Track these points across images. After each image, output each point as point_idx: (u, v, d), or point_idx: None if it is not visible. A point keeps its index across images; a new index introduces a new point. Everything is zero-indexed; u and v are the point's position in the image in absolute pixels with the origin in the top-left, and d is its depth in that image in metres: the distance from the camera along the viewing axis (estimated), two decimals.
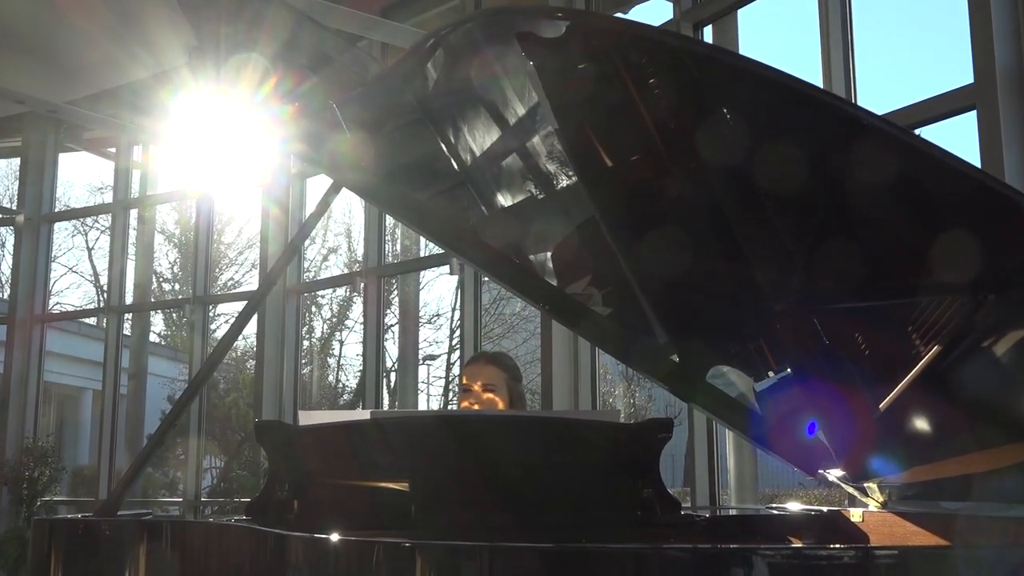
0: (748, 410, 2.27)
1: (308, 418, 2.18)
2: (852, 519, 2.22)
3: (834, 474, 2.19)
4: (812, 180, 1.84)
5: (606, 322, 2.40)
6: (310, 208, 8.13)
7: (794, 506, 2.59)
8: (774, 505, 2.69)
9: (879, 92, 13.55)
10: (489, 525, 1.87)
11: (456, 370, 14.26)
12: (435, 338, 15.77)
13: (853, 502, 2.37)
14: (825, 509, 2.38)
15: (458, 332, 13.42)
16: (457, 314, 13.99)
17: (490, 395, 2.81)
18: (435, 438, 2.05)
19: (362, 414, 2.19)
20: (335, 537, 1.50)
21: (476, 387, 2.83)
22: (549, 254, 2.51)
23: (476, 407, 2.79)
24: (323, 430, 2.11)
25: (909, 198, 1.76)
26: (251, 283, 15.60)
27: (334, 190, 2.52)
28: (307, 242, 11.83)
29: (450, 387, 15.04)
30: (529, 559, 1.32)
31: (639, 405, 14.28)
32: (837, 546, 1.29)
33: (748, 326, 2.22)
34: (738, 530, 2.38)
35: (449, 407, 13.80)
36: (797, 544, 2.17)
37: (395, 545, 1.43)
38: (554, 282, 2.47)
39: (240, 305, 9.58)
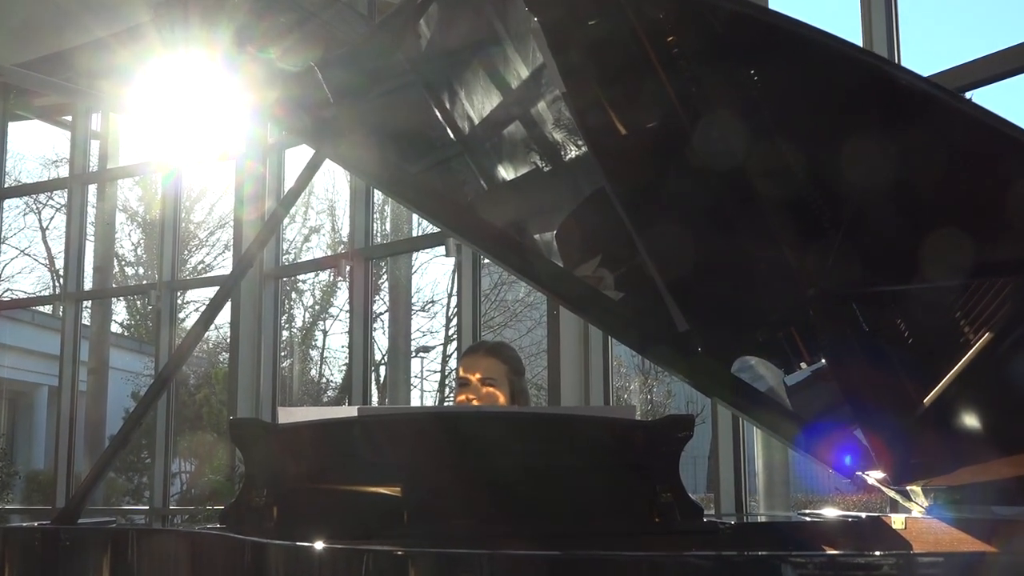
0: (778, 406, 2.28)
1: (289, 416, 2.19)
2: (893, 526, 2.23)
3: (873, 476, 2.21)
4: (850, 150, 1.84)
5: (620, 308, 2.41)
6: (289, 183, 8.13)
7: (829, 512, 2.60)
8: (807, 511, 2.71)
9: (925, 51, 13.49)
10: (489, 533, 1.89)
11: (452, 363, 14.30)
12: (429, 327, 15.81)
13: (895, 507, 2.39)
14: (864, 515, 2.39)
15: (455, 321, 13.44)
16: (454, 301, 14.02)
17: (489, 389, 2.83)
18: (429, 437, 2.06)
19: (348, 411, 2.20)
20: (319, 545, 1.51)
21: (474, 380, 2.84)
22: (556, 233, 2.52)
23: (474, 403, 2.81)
24: (305, 429, 2.12)
25: (958, 168, 1.76)
26: (224, 267, 15.63)
27: (316, 162, 2.53)
28: (286, 221, 11.83)
29: (446, 382, 15.09)
30: (535, 568, 1.33)
31: (657, 401, 14.32)
32: (877, 553, 1.30)
33: (778, 312, 2.23)
34: (767, 538, 2.40)
35: (445, 403, 13.85)
36: (832, 552, 2.18)
37: (386, 554, 1.44)
38: (561, 264, 2.48)
39: (212, 291, 9.59)
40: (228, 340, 8.93)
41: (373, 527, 1.93)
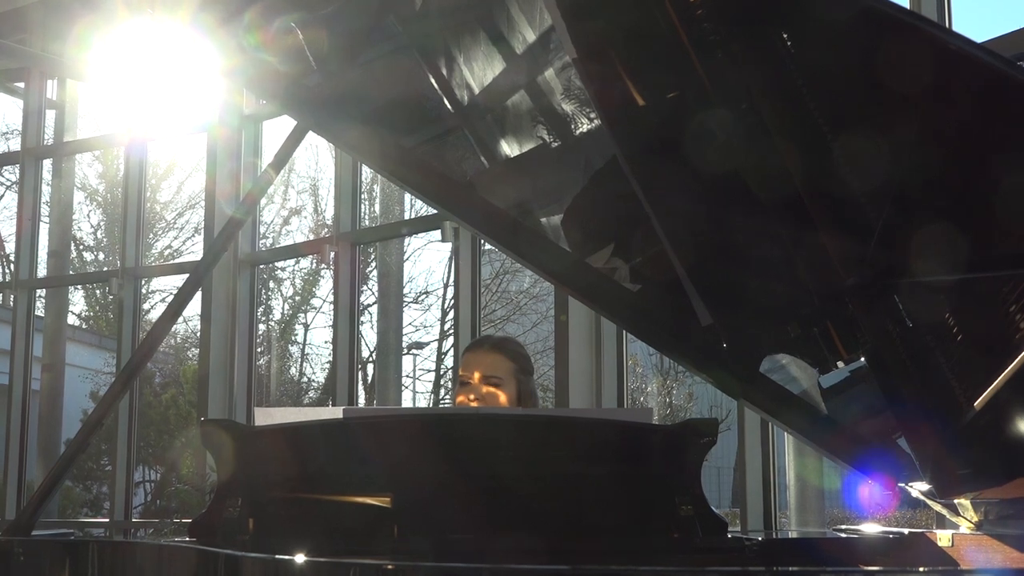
0: (813, 410, 2.28)
1: (266, 417, 2.20)
2: (939, 543, 2.24)
3: (918, 489, 2.22)
4: (894, 123, 1.85)
5: (635, 300, 2.42)
6: (267, 159, 8.13)
7: (868, 528, 2.61)
8: (843, 527, 2.71)
9: (978, 15, 13.46)
10: (488, 547, 1.90)
11: (449, 361, 14.31)
12: (423, 321, 15.80)
13: (941, 523, 2.40)
14: (906, 531, 2.40)
15: (452, 314, 13.45)
16: (450, 291, 14.03)
17: (492, 389, 2.83)
18: (422, 441, 2.07)
19: (333, 412, 2.21)
20: (300, 559, 1.52)
21: (475, 379, 2.84)
22: (564, 216, 2.53)
23: (475, 404, 2.81)
24: (285, 432, 2.13)
25: (1014, 144, 1.77)
26: (194, 252, 15.64)
27: (297, 136, 2.53)
28: (263, 201, 11.83)
29: (441, 381, 15.10)
30: None
31: (677, 404, 14.32)
32: (921, 569, 1.31)
33: (813, 305, 2.24)
34: (797, 555, 2.41)
35: (441, 405, 13.86)
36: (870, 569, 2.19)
37: (375, 568, 1.45)
38: (571, 251, 2.48)
39: (180, 279, 9.60)
40: (198, 334, 8.95)
41: (359, 540, 1.94)
